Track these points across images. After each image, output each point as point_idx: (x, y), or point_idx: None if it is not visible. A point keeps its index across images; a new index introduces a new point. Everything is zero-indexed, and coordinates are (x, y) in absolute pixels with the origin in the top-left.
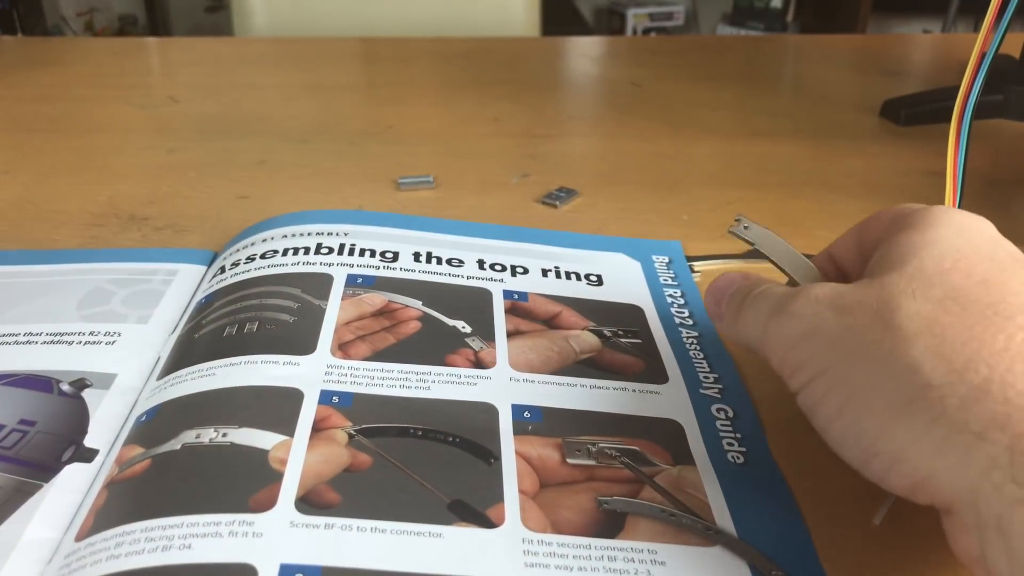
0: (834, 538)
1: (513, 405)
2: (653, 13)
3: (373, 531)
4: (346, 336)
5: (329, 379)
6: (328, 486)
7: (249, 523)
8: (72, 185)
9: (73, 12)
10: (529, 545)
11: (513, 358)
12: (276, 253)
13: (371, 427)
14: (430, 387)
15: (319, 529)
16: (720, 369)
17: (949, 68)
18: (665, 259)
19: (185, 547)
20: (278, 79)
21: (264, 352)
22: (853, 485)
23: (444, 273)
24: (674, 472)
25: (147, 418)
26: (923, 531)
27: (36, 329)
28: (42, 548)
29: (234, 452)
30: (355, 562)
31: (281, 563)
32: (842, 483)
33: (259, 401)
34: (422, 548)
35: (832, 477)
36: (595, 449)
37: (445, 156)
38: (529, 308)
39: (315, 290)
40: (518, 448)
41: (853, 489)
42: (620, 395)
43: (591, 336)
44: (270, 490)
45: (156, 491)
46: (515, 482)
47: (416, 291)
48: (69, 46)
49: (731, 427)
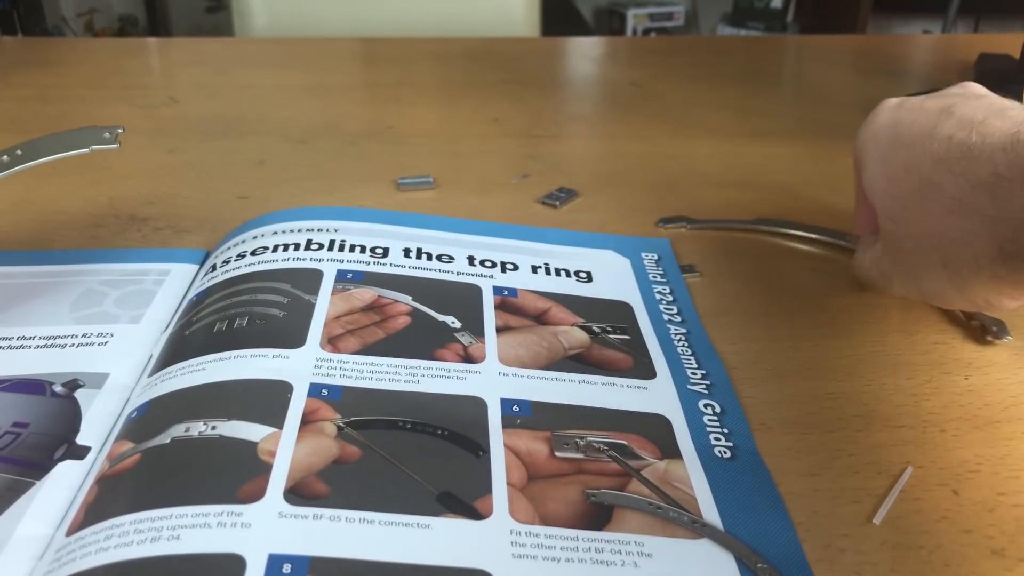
0: (833, 537)
1: (502, 399)
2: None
3: (362, 522)
4: (335, 330)
5: (319, 372)
6: (317, 478)
7: (238, 514)
8: (72, 185)
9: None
10: (517, 536)
11: (502, 353)
12: (266, 250)
13: (360, 419)
14: (419, 381)
15: (308, 520)
16: (708, 366)
17: (949, 68)
18: (654, 256)
19: (174, 538)
20: (278, 79)
21: (254, 346)
22: (841, 482)
23: (434, 269)
24: (661, 466)
25: (138, 414)
26: (923, 531)
27: (30, 333)
28: (34, 544)
29: (223, 444)
30: (343, 552)
31: (269, 553)
32: (831, 480)
33: (248, 394)
34: (410, 539)
35: (822, 474)
36: (583, 443)
37: (445, 156)
38: (519, 304)
39: (305, 285)
40: (507, 441)
41: (840, 485)
42: (608, 390)
43: (580, 332)
44: (259, 481)
45: (145, 484)
46: (503, 475)
47: (406, 286)
48: (69, 46)
49: (718, 422)
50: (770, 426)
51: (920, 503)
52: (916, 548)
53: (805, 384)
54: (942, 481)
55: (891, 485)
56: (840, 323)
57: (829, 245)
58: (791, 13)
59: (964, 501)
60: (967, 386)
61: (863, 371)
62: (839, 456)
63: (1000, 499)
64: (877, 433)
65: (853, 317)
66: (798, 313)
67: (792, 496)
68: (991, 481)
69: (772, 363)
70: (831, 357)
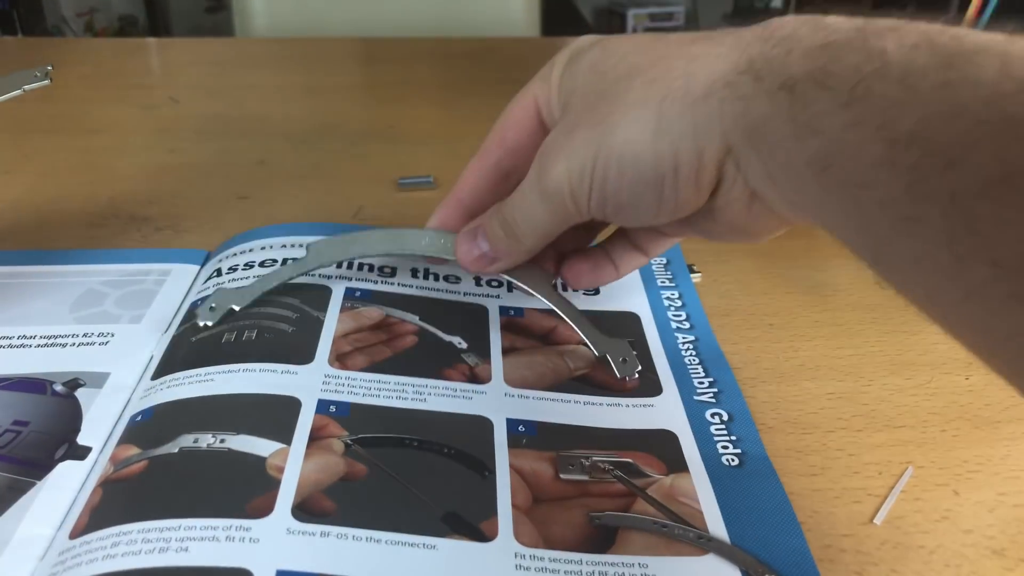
0: (833, 537)
1: (508, 419)
2: (653, 13)
3: (368, 540)
4: (344, 347)
5: (327, 389)
6: (324, 494)
7: (246, 528)
8: (72, 185)
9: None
10: (521, 560)
11: (508, 374)
12: (275, 263)
13: (367, 437)
14: (426, 399)
15: (315, 537)
16: (716, 372)
17: None
18: (663, 260)
19: (182, 549)
20: (278, 80)
21: (263, 360)
22: (841, 482)
23: (441, 289)
24: (667, 482)
25: (143, 418)
26: (923, 531)
27: (31, 332)
28: (35, 545)
29: (232, 458)
30: (350, 571)
31: (277, 569)
32: (831, 480)
33: (257, 409)
34: (416, 559)
35: (822, 474)
36: (588, 463)
37: (445, 156)
38: (525, 324)
39: (313, 302)
40: (512, 462)
41: (841, 485)
42: (614, 410)
43: (586, 351)
44: (267, 497)
45: (153, 493)
46: (508, 496)
47: (413, 306)
48: (69, 46)
49: (726, 431)
50: (770, 426)
51: (920, 503)
52: (916, 548)
53: (805, 384)
54: (942, 481)
55: (891, 485)
56: (840, 323)
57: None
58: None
59: (964, 501)
60: (967, 386)
61: (863, 371)
62: (839, 456)
63: (1000, 499)
64: (877, 433)
65: (853, 317)
66: (798, 313)
67: (792, 496)
68: (991, 481)
69: (772, 363)
70: (831, 357)
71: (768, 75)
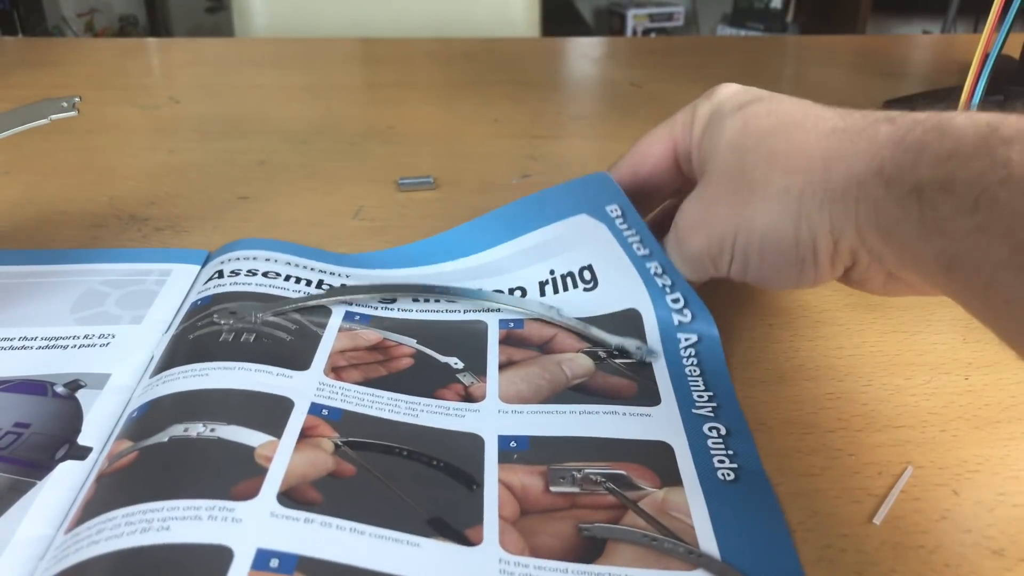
0: (833, 537)
1: (500, 436)
2: (653, 14)
3: (352, 531)
4: (339, 362)
5: (320, 394)
6: (311, 485)
7: (229, 509)
8: (73, 186)
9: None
10: (505, 566)
11: (503, 390)
12: (279, 276)
13: (358, 440)
14: (418, 415)
15: (299, 522)
16: (715, 385)
17: (949, 69)
18: (616, 208)
19: (163, 528)
20: (278, 80)
21: (259, 362)
22: (841, 482)
23: (441, 310)
24: (659, 495)
25: (138, 414)
26: (923, 531)
27: (31, 333)
28: (36, 545)
29: (220, 445)
30: (332, 556)
31: (258, 547)
32: (831, 480)
33: (249, 403)
34: (399, 553)
35: (822, 474)
36: (580, 475)
37: (445, 156)
38: (524, 335)
39: (312, 319)
40: (501, 476)
41: (840, 485)
42: (610, 419)
43: (585, 359)
44: (253, 482)
45: (140, 479)
46: (496, 507)
47: (412, 329)
48: (70, 47)
49: (723, 445)
50: (770, 426)
51: (920, 503)
52: (916, 548)
53: (805, 384)
54: (942, 481)
55: (891, 485)
56: (840, 323)
57: None
58: (791, 13)
59: (964, 501)
60: (967, 386)
61: (863, 371)
62: (839, 456)
63: (1000, 499)
64: (877, 433)
65: (853, 317)
66: (798, 313)
67: (792, 496)
68: (991, 481)
69: (772, 363)
70: (831, 357)
71: (898, 182)
